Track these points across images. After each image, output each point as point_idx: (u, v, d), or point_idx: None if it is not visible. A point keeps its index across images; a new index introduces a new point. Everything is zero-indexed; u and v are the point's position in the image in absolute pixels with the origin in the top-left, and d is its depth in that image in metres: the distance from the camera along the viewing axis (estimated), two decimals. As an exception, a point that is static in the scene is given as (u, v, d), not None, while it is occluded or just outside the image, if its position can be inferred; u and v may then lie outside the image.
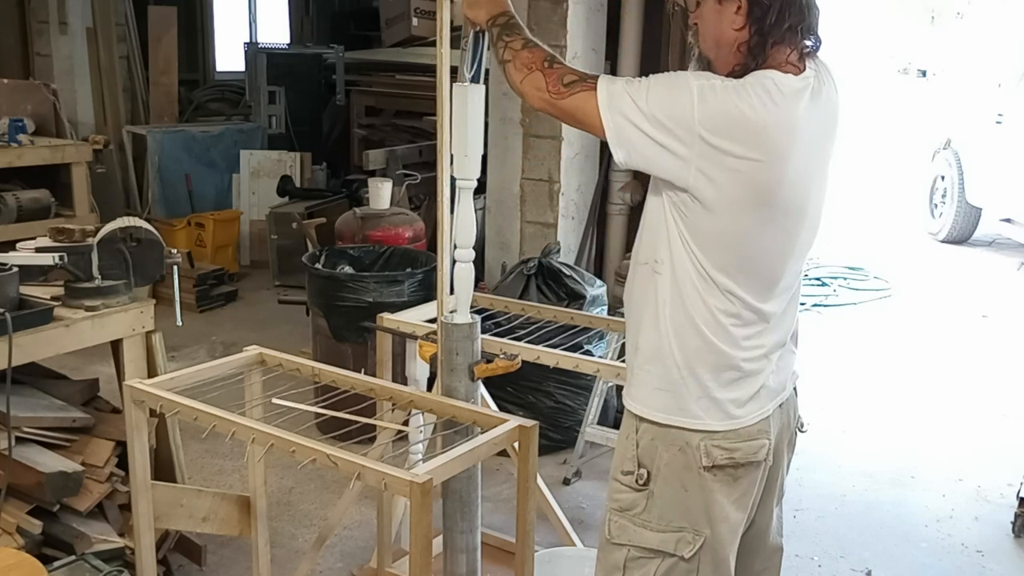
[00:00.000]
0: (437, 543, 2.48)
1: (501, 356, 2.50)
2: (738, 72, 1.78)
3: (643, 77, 1.80)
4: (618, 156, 1.80)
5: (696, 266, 1.81)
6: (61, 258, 2.68)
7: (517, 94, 1.93)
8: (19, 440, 2.69)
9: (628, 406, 1.95)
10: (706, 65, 1.86)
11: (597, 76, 1.82)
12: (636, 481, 1.89)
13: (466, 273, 2.29)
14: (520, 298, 4.00)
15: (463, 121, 2.18)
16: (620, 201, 5.06)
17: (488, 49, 2.14)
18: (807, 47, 1.82)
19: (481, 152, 2.23)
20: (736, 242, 1.80)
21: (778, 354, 1.95)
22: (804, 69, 1.80)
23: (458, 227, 2.25)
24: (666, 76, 1.80)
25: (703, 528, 1.88)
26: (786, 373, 1.99)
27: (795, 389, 2.04)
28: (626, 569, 1.91)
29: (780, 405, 1.97)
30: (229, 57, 9.52)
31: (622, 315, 3.74)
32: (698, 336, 1.84)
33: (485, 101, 2.27)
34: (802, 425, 2.09)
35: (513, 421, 2.14)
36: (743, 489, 1.91)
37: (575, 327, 3.13)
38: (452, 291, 2.32)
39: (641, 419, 1.90)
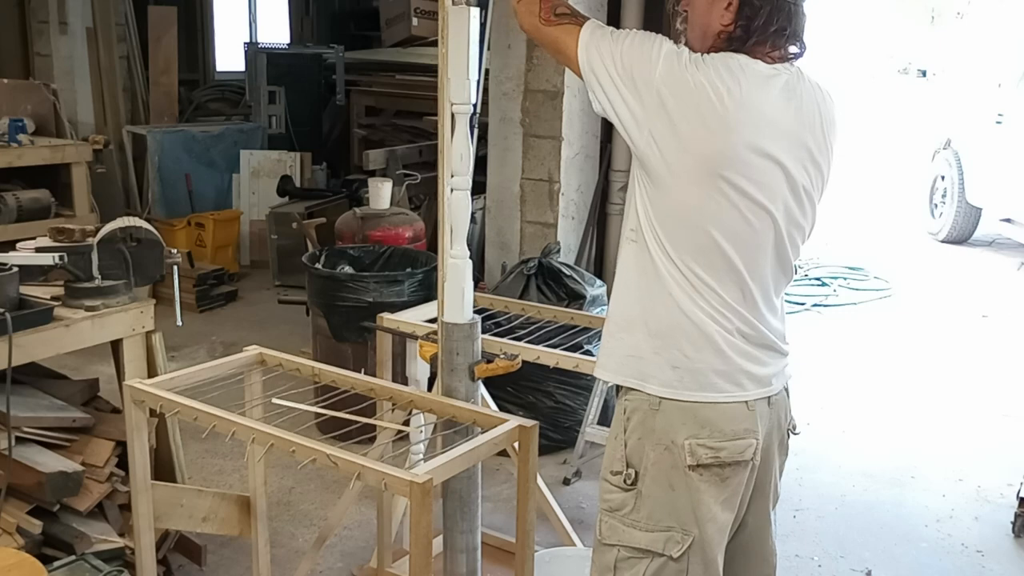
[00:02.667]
0: (437, 543, 2.48)
1: (501, 356, 2.50)
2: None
3: (628, 30, 1.87)
4: (591, 97, 1.87)
5: (658, 239, 1.84)
6: (61, 258, 2.68)
7: (513, 13, 1.97)
8: (19, 440, 2.69)
9: (599, 374, 1.98)
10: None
11: (588, 18, 1.90)
12: (624, 481, 1.89)
13: (463, 203, 2.24)
14: (520, 298, 4.00)
15: (462, 43, 2.13)
16: (620, 201, 5.06)
17: None
18: (791, 53, 1.87)
19: (478, 78, 2.23)
20: (688, 219, 1.81)
21: (758, 346, 1.91)
22: (777, 64, 1.84)
23: (453, 154, 2.20)
24: (644, 33, 1.85)
25: (691, 528, 1.87)
26: (773, 369, 1.94)
27: (787, 390, 2.02)
28: (616, 569, 1.91)
29: (769, 403, 1.93)
30: (229, 57, 9.52)
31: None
32: (668, 304, 1.85)
33: (483, 28, 2.28)
34: (794, 427, 2.07)
35: (513, 421, 2.14)
36: (731, 489, 1.90)
37: (575, 327, 3.13)
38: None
39: (629, 403, 1.90)
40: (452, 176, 2.22)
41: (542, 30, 1.90)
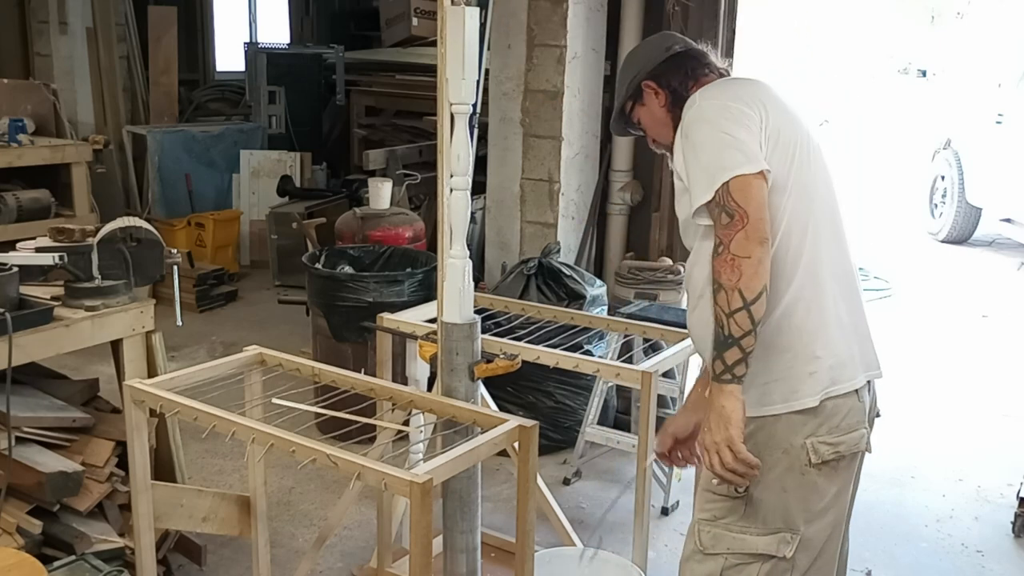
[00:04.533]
0: (437, 543, 2.48)
1: (501, 356, 2.50)
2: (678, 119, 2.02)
3: (698, 147, 1.90)
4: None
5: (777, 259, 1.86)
6: (61, 258, 2.68)
7: (745, 291, 1.80)
8: (19, 440, 2.69)
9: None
10: (669, 148, 2.11)
11: (713, 203, 1.84)
12: (735, 490, 1.90)
13: (462, 203, 2.22)
14: (520, 298, 4.00)
15: (459, 43, 2.12)
16: (620, 201, 5.06)
17: None
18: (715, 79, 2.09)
19: (477, 77, 2.20)
20: (800, 203, 1.90)
21: (855, 330, 1.97)
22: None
23: (452, 154, 2.19)
24: (708, 112, 1.93)
25: (800, 526, 1.91)
26: (868, 345, 2.01)
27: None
28: None
29: (869, 388, 1.99)
30: (229, 57, 9.52)
31: (622, 315, 3.76)
32: (792, 316, 1.89)
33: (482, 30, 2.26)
34: (879, 412, 2.12)
35: (513, 421, 2.14)
36: (844, 480, 1.95)
37: (575, 327, 3.13)
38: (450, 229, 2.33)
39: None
40: (451, 176, 2.21)
41: (752, 231, 1.78)
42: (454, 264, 2.26)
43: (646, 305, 4.04)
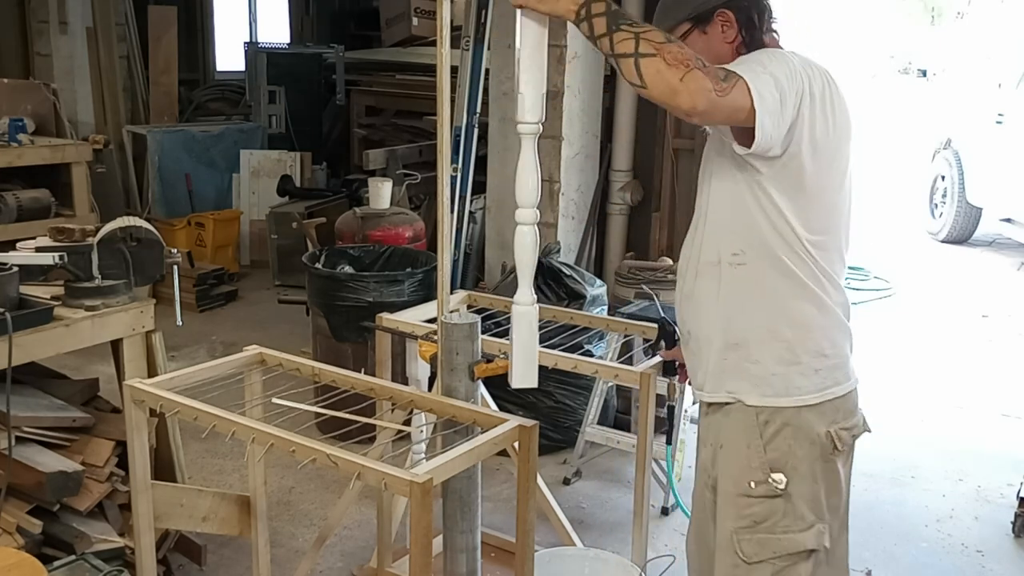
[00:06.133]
0: (437, 543, 2.47)
1: (501, 356, 2.49)
2: None
3: (745, 61, 1.80)
4: (759, 137, 1.73)
5: (787, 235, 1.86)
6: (61, 258, 2.68)
7: (663, 94, 1.69)
8: (19, 440, 2.69)
9: (745, 399, 1.93)
10: None
11: (726, 68, 1.75)
12: (775, 488, 1.89)
13: (529, 238, 1.98)
14: (520, 298, 3.99)
15: (536, 53, 1.88)
16: (620, 201, 5.06)
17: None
18: (776, 41, 1.98)
19: (543, 91, 1.89)
20: (827, 191, 1.88)
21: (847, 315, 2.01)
22: None
23: (520, 181, 1.97)
24: (763, 54, 1.84)
25: (826, 514, 1.94)
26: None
27: None
28: None
29: None
30: (229, 57, 9.52)
31: (622, 315, 3.76)
32: (803, 308, 1.89)
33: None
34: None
35: (513, 421, 2.14)
36: (850, 462, 2.02)
37: (575, 327, 3.13)
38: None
39: (766, 412, 1.91)
40: (517, 208, 1.97)
41: (719, 103, 1.69)
42: (521, 313, 1.94)
43: (646, 305, 4.04)
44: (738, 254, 1.89)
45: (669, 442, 3.54)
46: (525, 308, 1.94)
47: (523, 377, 1.96)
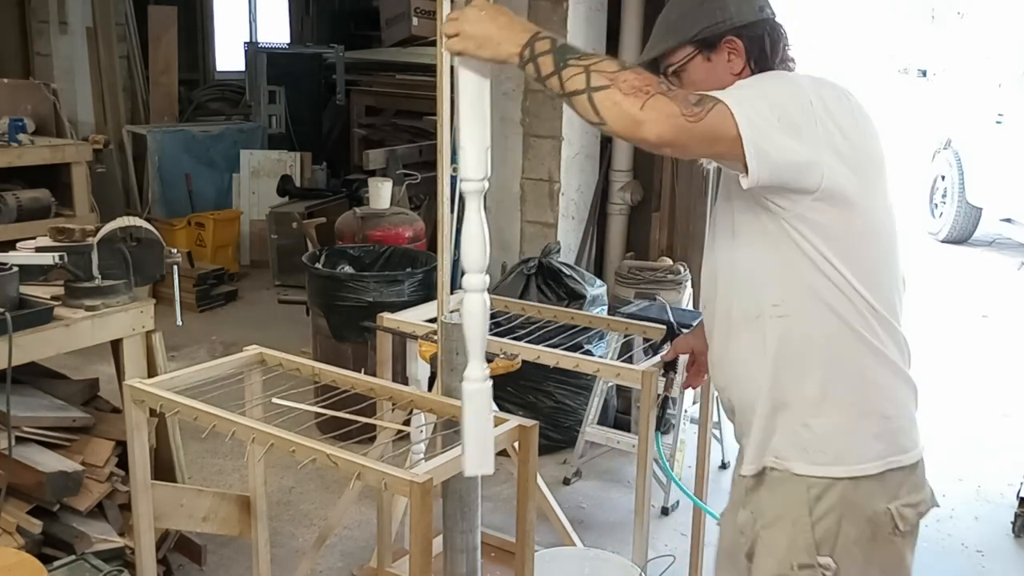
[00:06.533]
0: (437, 543, 2.47)
1: (501, 356, 2.50)
2: None
3: (738, 87, 1.62)
4: (753, 166, 1.53)
5: (833, 277, 1.63)
6: (61, 258, 2.68)
7: (625, 127, 1.51)
8: (19, 440, 2.69)
9: (793, 467, 1.69)
10: None
11: (703, 92, 1.57)
12: (823, 574, 1.66)
13: (478, 307, 1.68)
14: (520, 298, 3.99)
15: (474, 104, 1.66)
16: (620, 201, 5.06)
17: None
18: (791, 70, 1.78)
19: (487, 144, 1.67)
20: (876, 230, 1.69)
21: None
22: None
23: (465, 245, 1.67)
24: (762, 76, 1.70)
25: None
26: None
27: None
28: None
29: None
30: (229, 57, 9.53)
31: (622, 315, 3.76)
32: (858, 365, 1.66)
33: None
34: None
35: (513, 421, 2.14)
36: (915, 542, 1.76)
37: (575, 327, 3.13)
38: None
39: (818, 484, 1.67)
40: (463, 274, 1.69)
41: (693, 129, 1.49)
42: (472, 391, 1.70)
43: (646, 305, 4.04)
44: (779, 304, 1.66)
45: (659, 428, 3.53)
46: (477, 385, 1.69)
47: (478, 464, 1.70)
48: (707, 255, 1.86)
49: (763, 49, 1.73)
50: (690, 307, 4.27)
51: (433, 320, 2.70)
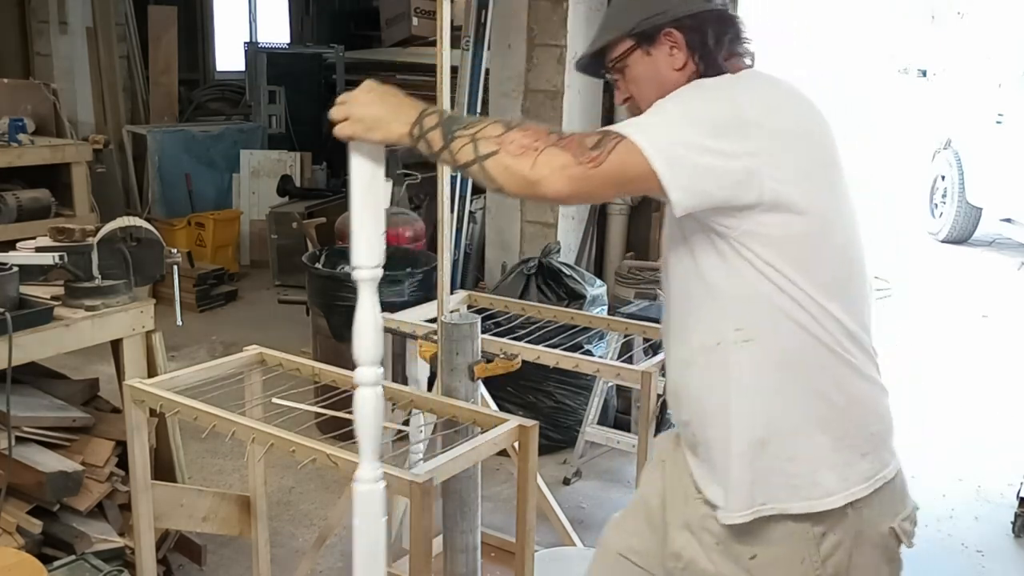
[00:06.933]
0: (437, 543, 2.48)
1: (501, 356, 2.50)
2: None
3: (657, 107, 1.53)
4: (675, 197, 1.45)
5: (794, 294, 1.52)
6: (61, 258, 2.68)
7: (521, 189, 1.46)
8: (19, 440, 2.69)
9: (788, 508, 1.57)
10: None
11: (604, 130, 1.49)
12: None
13: (371, 402, 1.59)
14: (520, 298, 4.00)
15: (367, 189, 1.59)
16: (620, 201, 5.06)
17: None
18: (746, 65, 1.66)
19: (382, 230, 1.62)
20: (834, 237, 1.57)
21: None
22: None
23: (357, 336, 1.61)
24: (692, 87, 1.57)
25: None
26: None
27: None
28: None
29: None
30: (229, 57, 9.53)
31: (622, 315, 3.76)
32: (838, 383, 1.58)
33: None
34: None
35: (513, 421, 2.14)
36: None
37: (575, 327, 3.13)
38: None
39: (821, 520, 1.57)
40: (356, 367, 1.62)
41: (595, 174, 1.42)
42: (364, 493, 1.60)
43: (646, 305, 4.04)
44: (741, 328, 1.54)
45: (659, 428, 3.53)
46: (368, 487, 1.58)
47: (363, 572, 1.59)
48: (663, 280, 1.74)
49: (706, 42, 1.60)
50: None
51: (433, 320, 2.70)
